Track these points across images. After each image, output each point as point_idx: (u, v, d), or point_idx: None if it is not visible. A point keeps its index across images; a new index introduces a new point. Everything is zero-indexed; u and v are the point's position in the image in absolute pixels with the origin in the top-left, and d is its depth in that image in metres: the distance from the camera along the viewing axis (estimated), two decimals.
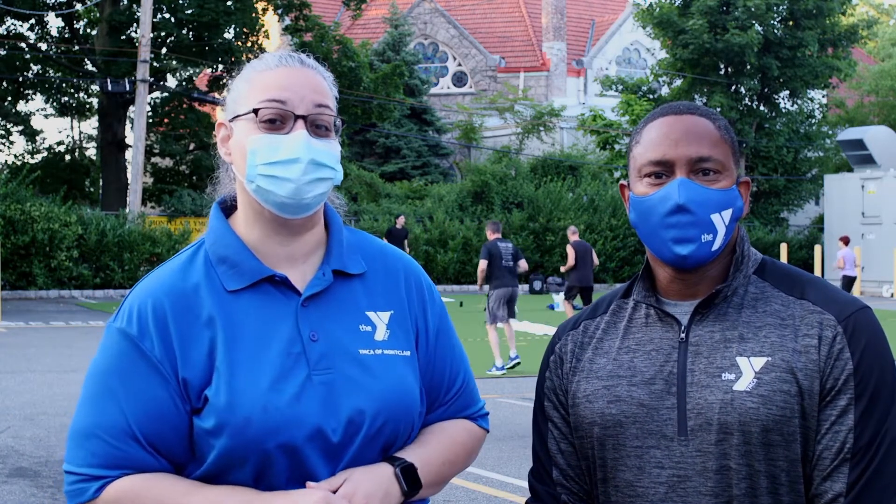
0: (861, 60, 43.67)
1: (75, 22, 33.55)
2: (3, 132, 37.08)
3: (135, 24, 29.94)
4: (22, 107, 37.62)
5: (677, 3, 35.30)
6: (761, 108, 36.63)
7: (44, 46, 33.34)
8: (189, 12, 29.41)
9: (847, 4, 35.85)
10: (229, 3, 29.79)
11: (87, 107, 38.04)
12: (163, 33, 29.97)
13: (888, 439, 1.68)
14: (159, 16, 29.70)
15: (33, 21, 32.68)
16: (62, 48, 32.89)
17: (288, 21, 32.42)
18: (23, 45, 32.25)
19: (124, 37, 30.29)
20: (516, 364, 13.08)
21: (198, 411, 1.73)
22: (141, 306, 1.77)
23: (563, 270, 18.07)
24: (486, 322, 13.19)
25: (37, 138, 39.19)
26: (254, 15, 30.78)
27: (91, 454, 1.73)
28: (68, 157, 39.01)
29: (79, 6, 32.01)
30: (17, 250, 23.65)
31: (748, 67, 34.88)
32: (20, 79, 32.53)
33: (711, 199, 1.74)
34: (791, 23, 35.36)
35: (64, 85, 35.70)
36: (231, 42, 30.93)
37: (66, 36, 33.55)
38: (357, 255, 1.90)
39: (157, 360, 1.73)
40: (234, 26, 31.04)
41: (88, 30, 34.36)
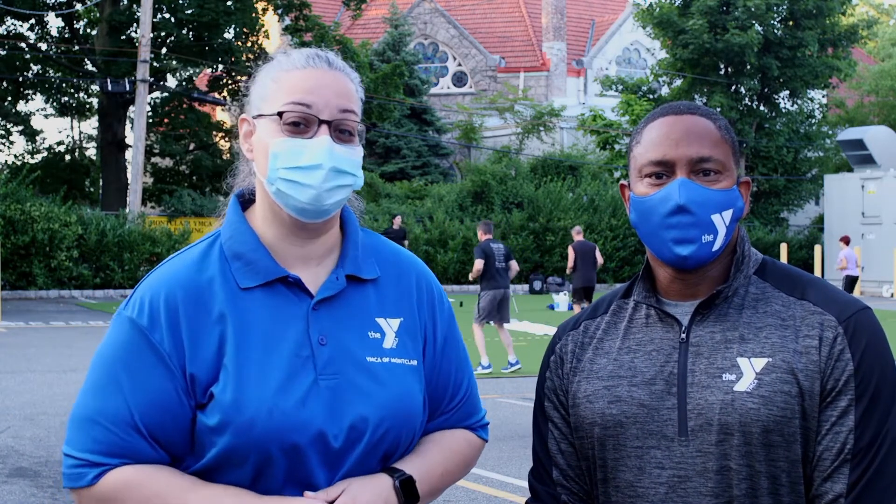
0: (861, 60, 43.66)
1: (75, 22, 33.54)
2: (3, 132, 37.07)
3: (135, 24, 29.95)
4: (22, 107, 37.63)
5: (677, 3, 35.29)
6: (761, 108, 36.62)
7: (44, 46, 33.33)
8: (189, 12, 29.42)
9: (847, 4, 35.84)
10: (229, 3, 29.80)
11: (87, 107, 38.03)
12: (163, 33, 29.98)
13: (889, 440, 1.68)
14: (159, 16, 29.70)
15: (33, 21, 32.68)
16: (62, 48, 32.88)
17: (288, 21, 32.40)
18: (23, 45, 32.25)
19: (124, 37, 30.30)
20: (517, 369, 13.06)
21: (202, 407, 1.73)
22: (154, 297, 1.76)
23: (568, 272, 18.09)
24: (474, 321, 13.21)
25: (37, 138, 39.18)
26: (254, 15, 30.79)
27: (93, 440, 1.72)
28: (68, 157, 38.98)
29: (79, 6, 32.01)
30: (17, 250, 23.65)
31: (748, 67, 34.88)
32: (20, 79, 32.53)
33: (712, 200, 1.74)
34: (791, 23, 35.35)
35: (64, 85, 35.69)
36: (231, 42, 30.95)
37: (66, 36, 33.54)
38: (371, 260, 1.90)
39: (166, 353, 1.73)
40: (234, 26, 31.06)
41: (88, 30, 34.35)
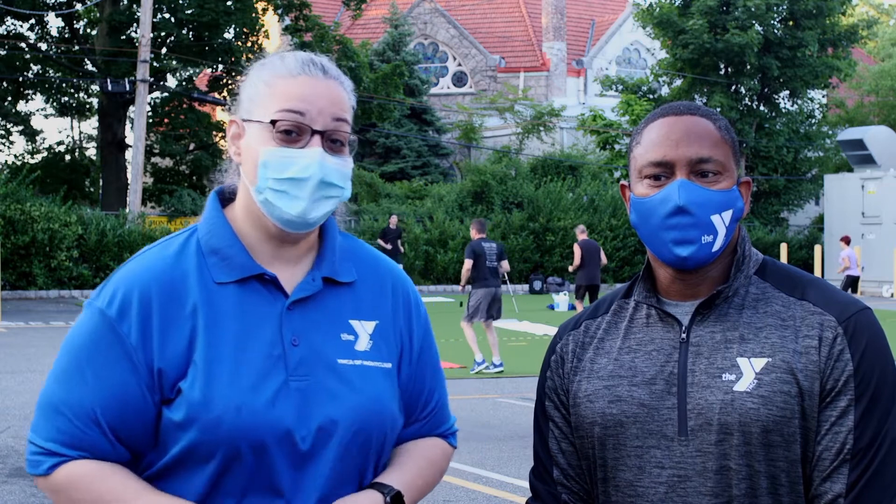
0: (861, 60, 43.64)
1: (75, 22, 33.52)
2: (3, 132, 37.07)
3: (135, 24, 29.94)
4: (22, 107, 37.67)
5: (677, 3, 35.28)
6: (761, 108, 36.61)
7: (44, 46, 33.30)
8: (189, 12, 29.42)
9: (847, 4, 35.83)
10: (229, 3, 29.80)
11: (87, 107, 38.01)
12: (163, 33, 29.97)
13: (888, 440, 1.68)
14: (159, 16, 29.69)
15: (33, 21, 32.66)
16: (62, 48, 32.86)
17: (288, 21, 32.39)
18: (23, 45, 32.23)
19: (124, 37, 30.29)
20: (500, 371, 12.98)
21: (168, 402, 1.71)
22: (128, 290, 1.74)
23: (571, 270, 18.04)
24: (462, 319, 13.21)
25: (37, 138, 39.17)
26: (254, 15, 30.78)
27: (56, 430, 1.71)
28: (68, 157, 38.96)
29: (79, 6, 32.00)
30: (17, 250, 23.64)
31: (748, 67, 34.87)
32: (20, 79, 32.49)
33: (712, 201, 1.74)
34: (791, 23, 35.34)
35: (64, 85, 35.68)
36: (231, 42, 30.94)
37: (66, 36, 33.53)
38: (349, 263, 1.88)
39: (132, 347, 1.71)
40: (234, 26, 31.05)
41: (88, 30, 34.34)
